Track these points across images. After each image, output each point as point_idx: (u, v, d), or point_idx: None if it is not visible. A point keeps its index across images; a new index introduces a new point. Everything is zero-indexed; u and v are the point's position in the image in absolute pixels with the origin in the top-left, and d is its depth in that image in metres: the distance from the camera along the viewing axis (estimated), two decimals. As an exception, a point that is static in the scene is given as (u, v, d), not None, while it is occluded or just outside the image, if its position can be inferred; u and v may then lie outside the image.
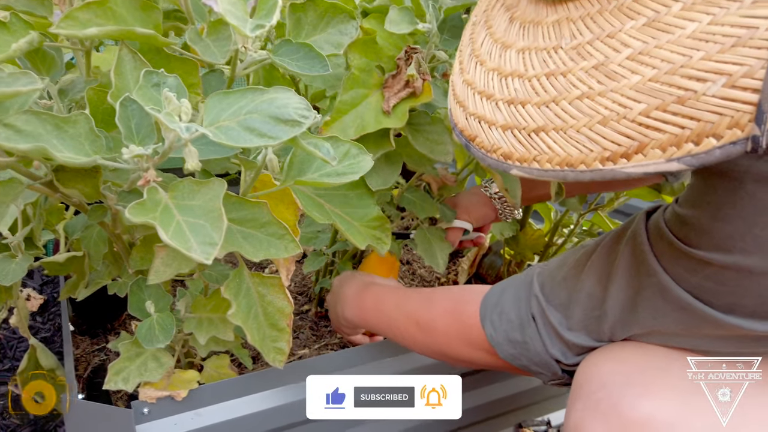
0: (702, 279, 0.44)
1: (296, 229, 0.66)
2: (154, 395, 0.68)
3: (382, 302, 0.77)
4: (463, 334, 0.64)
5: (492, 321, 0.61)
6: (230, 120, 0.47)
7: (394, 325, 0.73)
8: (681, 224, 0.46)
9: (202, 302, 0.72)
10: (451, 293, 0.71)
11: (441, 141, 0.74)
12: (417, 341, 0.71)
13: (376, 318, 0.77)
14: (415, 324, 0.70)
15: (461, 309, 0.65)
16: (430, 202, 0.88)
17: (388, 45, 0.69)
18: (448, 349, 0.67)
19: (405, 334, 0.72)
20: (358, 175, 0.60)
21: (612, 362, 0.50)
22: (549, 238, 1.09)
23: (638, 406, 0.46)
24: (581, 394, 0.51)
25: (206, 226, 0.46)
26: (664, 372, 0.48)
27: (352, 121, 0.67)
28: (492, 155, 0.42)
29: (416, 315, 0.70)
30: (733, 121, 0.32)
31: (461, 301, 0.67)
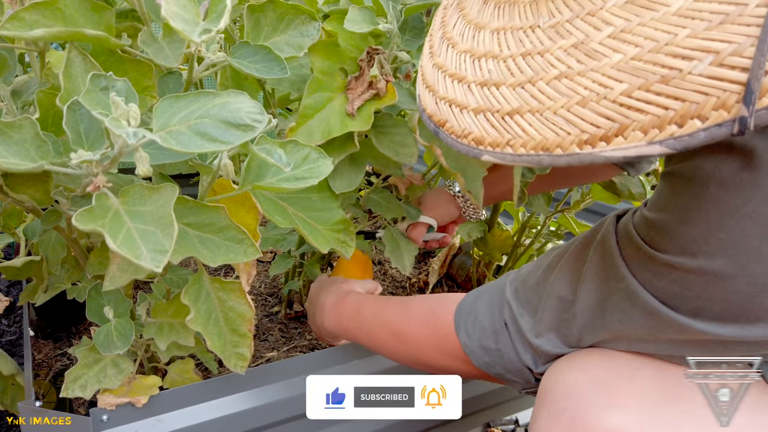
0: (668, 283, 0.43)
1: (256, 234, 0.66)
2: (114, 402, 0.67)
3: (360, 311, 0.76)
4: (437, 343, 0.64)
5: (466, 329, 0.60)
6: (181, 124, 0.46)
7: (372, 333, 0.73)
8: (648, 228, 0.45)
9: (162, 307, 0.71)
10: (427, 301, 0.70)
11: (406, 143, 0.73)
12: (393, 350, 0.70)
13: (355, 327, 0.76)
14: (390, 332, 0.70)
15: (436, 317, 0.65)
16: (395, 203, 0.88)
17: (349, 47, 0.69)
18: (423, 357, 0.67)
19: (382, 342, 0.71)
20: (317, 179, 0.59)
21: (577, 371, 0.50)
22: (517, 239, 1.09)
23: (604, 418, 0.45)
24: (546, 403, 0.50)
25: (157, 233, 0.45)
26: (630, 382, 0.47)
27: (317, 126, 0.67)
28: (463, 141, 0.40)
29: (392, 323, 0.70)
30: (720, 102, 0.30)
31: (436, 308, 0.66)
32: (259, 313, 1.13)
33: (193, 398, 0.72)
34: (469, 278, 1.23)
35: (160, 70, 0.64)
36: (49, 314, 1.03)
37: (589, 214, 1.87)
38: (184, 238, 0.56)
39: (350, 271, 0.96)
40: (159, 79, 0.63)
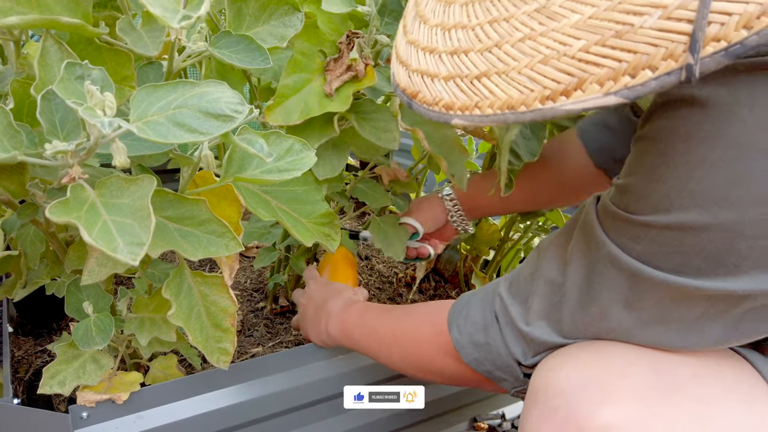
0: (647, 244, 0.44)
1: (239, 227, 0.65)
2: (93, 399, 0.66)
3: (364, 316, 0.76)
4: (433, 342, 0.64)
5: (458, 325, 0.60)
6: (159, 114, 0.45)
7: (374, 338, 0.73)
8: (621, 194, 0.47)
9: (144, 302, 0.70)
10: (429, 304, 0.70)
11: (388, 128, 0.73)
12: (393, 354, 0.70)
13: (359, 334, 0.75)
14: (392, 336, 0.70)
15: (434, 316, 0.65)
16: (381, 192, 0.87)
17: (329, 30, 0.68)
18: (420, 358, 0.67)
19: (382, 347, 0.71)
20: (300, 171, 0.58)
21: (569, 367, 0.50)
22: (504, 234, 1.09)
23: (597, 414, 0.45)
24: (538, 400, 0.50)
25: (134, 226, 0.44)
26: (623, 378, 0.47)
27: (295, 106, 0.66)
28: (434, 108, 0.42)
29: (393, 326, 0.70)
30: (668, 53, 0.33)
31: (436, 309, 0.66)
32: (244, 309, 1.12)
33: (175, 394, 0.71)
34: (456, 273, 1.23)
35: (140, 60, 0.63)
36: (30, 310, 1.02)
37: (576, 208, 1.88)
38: (163, 231, 0.55)
39: (339, 268, 0.95)
40: (139, 70, 0.62)
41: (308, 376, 0.79)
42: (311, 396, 0.81)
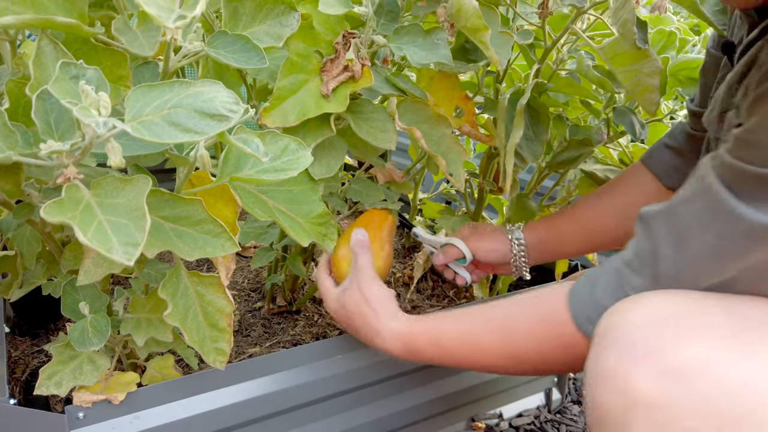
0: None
1: (235, 227, 0.65)
2: (90, 399, 0.66)
3: (441, 341, 0.69)
4: (556, 340, 0.62)
5: (589, 317, 0.58)
6: (154, 114, 0.45)
7: (467, 359, 0.69)
8: (749, 149, 0.47)
9: (140, 302, 0.70)
10: (524, 303, 0.66)
11: (384, 128, 0.73)
12: (500, 358, 0.67)
13: (439, 357, 0.70)
14: (498, 343, 0.66)
15: (546, 314, 0.63)
16: (375, 188, 0.87)
17: (325, 30, 0.68)
18: (538, 357, 0.64)
19: (484, 354, 0.67)
20: (296, 171, 0.58)
21: (647, 306, 0.50)
22: (501, 233, 1.09)
23: (678, 348, 0.45)
24: (610, 340, 0.50)
25: (129, 226, 0.44)
26: (700, 316, 0.48)
27: (292, 107, 0.66)
28: None
29: (498, 348, 0.66)
30: None
31: (543, 307, 0.64)
32: (241, 309, 1.12)
33: (171, 395, 0.70)
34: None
35: (136, 60, 0.63)
36: (26, 310, 1.02)
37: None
38: (159, 231, 0.55)
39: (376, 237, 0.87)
40: (135, 69, 0.62)
41: (305, 376, 0.79)
42: (308, 396, 0.80)
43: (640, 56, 0.63)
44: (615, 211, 0.88)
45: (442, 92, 0.85)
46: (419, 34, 0.68)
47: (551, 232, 0.90)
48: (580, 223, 0.89)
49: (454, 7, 0.66)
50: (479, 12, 0.63)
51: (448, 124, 0.79)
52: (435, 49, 0.67)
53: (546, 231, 0.90)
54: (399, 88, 0.77)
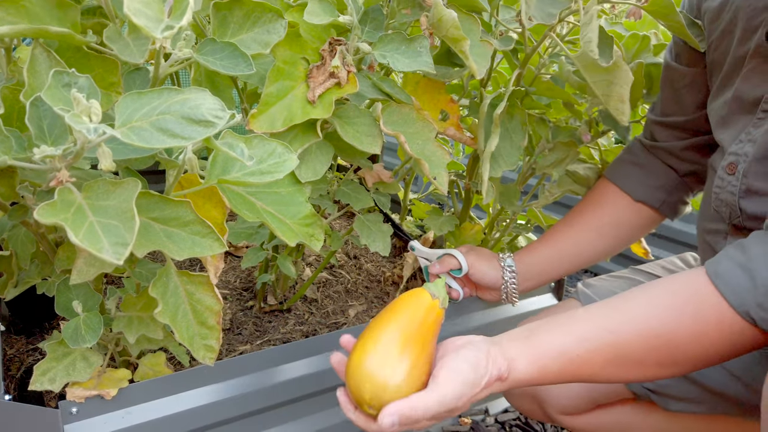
0: None
1: (224, 228, 0.67)
2: (82, 395, 0.68)
3: (574, 362, 0.60)
4: (717, 334, 0.58)
5: (760, 304, 0.55)
6: (143, 120, 0.47)
7: (606, 370, 0.61)
8: None
9: (132, 301, 0.72)
10: (669, 307, 0.60)
11: (370, 133, 0.75)
12: (650, 367, 0.61)
13: (572, 374, 0.61)
14: (643, 350, 0.59)
15: (694, 309, 0.58)
16: (364, 194, 0.89)
17: (312, 38, 0.70)
18: (696, 354, 0.59)
19: (633, 370, 0.61)
20: (282, 174, 0.60)
21: None
22: (487, 233, 1.11)
23: None
24: None
25: (119, 227, 0.46)
26: None
27: (279, 113, 0.68)
28: None
29: (640, 338, 0.59)
30: None
31: (687, 301, 0.59)
32: (233, 307, 1.14)
33: (162, 390, 0.73)
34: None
35: (128, 66, 0.65)
36: (22, 309, 1.04)
37: (556, 206, 1.91)
38: (149, 232, 0.57)
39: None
40: (126, 75, 0.64)
41: (294, 372, 0.81)
42: (297, 392, 0.83)
43: (613, 68, 0.66)
44: (589, 234, 0.92)
45: (427, 96, 0.87)
46: (402, 42, 0.70)
47: (535, 258, 0.94)
48: (559, 250, 0.93)
49: (435, 17, 0.68)
50: (458, 23, 0.66)
51: (432, 128, 0.81)
52: (417, 57, 0.70)
53: (531, 257, 0.94)
54: (385, 93, 0.79)
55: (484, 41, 0.73)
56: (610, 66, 0.65)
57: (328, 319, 1.15)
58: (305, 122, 0.71)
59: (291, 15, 0.68)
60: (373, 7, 0.71)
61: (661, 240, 1.73)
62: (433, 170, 0.78)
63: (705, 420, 0.81)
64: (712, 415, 0.79)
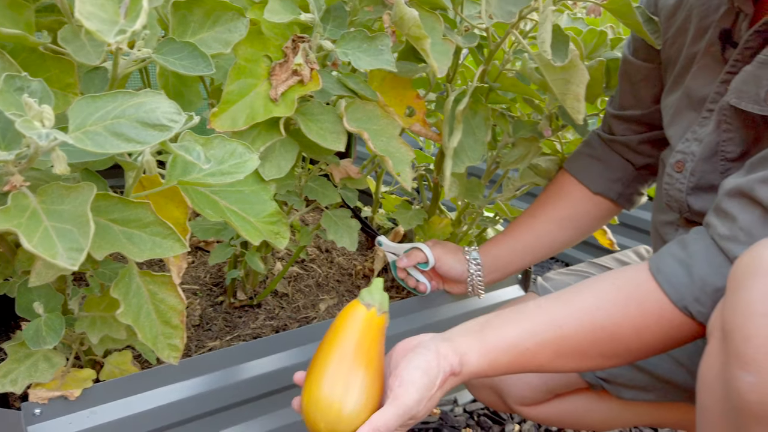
0: None
1: (186, 228, 0.67)
2: (45, 396, 0.68)
3: (526, 354, 0.61)
4: (657, 326, 0.60)
5: (698, 298, 0.57)
6: (97, 125, 0.47)
7: (555, 362, 0.63)
8: None
9: (95, 301, 0.71)
10: (612, 301, 0.61)
11: (334, 130, 0.76)
12: (593, 358, 0.62)
13: (521, 365, 0.62)
14: (590, 342, 0.61)
15: (635, 304, 0.60)
16: (332, 189, 0.90)
17: (274, 35, 0.70)
18: (635, 345, 0.61)
19: (578, 361, 0.63)
20: (242, 174, 0.61)
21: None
22: (455, 226, 1.13)
23: None
24: (760, 267, 0.48)
25: (74, 231, 0.46)
26: None
27: (241, 111, 0.68)
28: None
29: (589, 345, 0.61)
30: None
31: (630, 299, 0.61)
32: (203, 303, 1.14)
33: (128, 389, 0.73)
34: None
35: (86, 66, 0.64)
36: (-15, 308, 1.02)
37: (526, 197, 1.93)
38: (109, 234, 0.57)
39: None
40: (84, 75, 0.63)
41: (261, 367, 0.82)
42: (266, 387, 0.83)
43: (569, 67, 0.67)
44: (549, 226, 0.95)
45: (393, 92, 0.88)
46: (364, 40, 0.71)
47: (500, 250, 0.96)
48: (522, 242, 0.96)
49: (396, 15, 0.69)
50: (419, 22, 0.66)
51: (397, 125, 0.82)
52: (379, 55, 0.70)
53: (495, 250, 0.96)
54: (350, 89, 0.79)
55: (446, 39, 0.73)
56: (567, 65, 0.66)
57: (298, 313, 1.16)
58: (268, 120, 0.71)
59: (253, 12, 0.68)
60: (335, 5, 0.71)
61: (628, 229, 1.77)
62: (397, 167, 0.79)
63: (656, 407, 0.85)
64: (663, 403, 0.82)
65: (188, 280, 1.21)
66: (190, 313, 1.09)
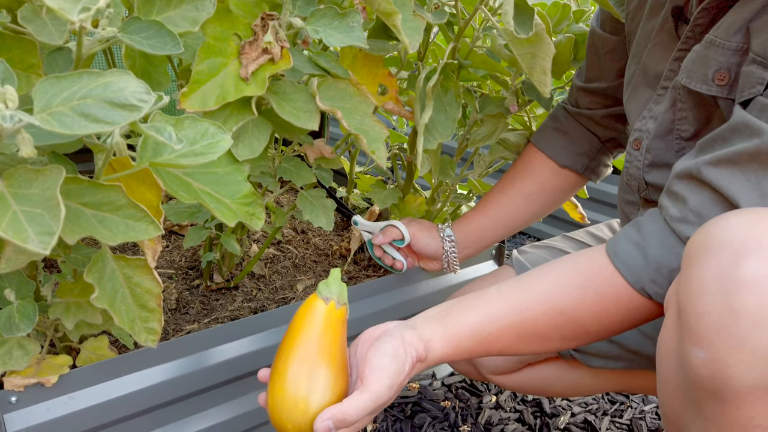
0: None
1: (159, 211, 0.66)
2: (21, 383, 0.67)
3: (484, 338, 0.62)
4: (615, 307, 0.61)
5: (654, 280, 0.58)
6: (63, 105, 0.46)
7: (515, 345, 0.64)
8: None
9: (68, 286, 0.71)
10: (571, 285, 0.62)
11: (306, 109, 0.75)
12: (549, 339, 0.63)
13: (484, 350, 0.63)
14: (551, 326, 0.62)
15: (593, 284, 0.61)
16: (306, 170, 0.90)
17: (243, 13, 0.69)
18: (594, 326, 0.62)
19: (539, 344, 0.64)
20: (215, 155, 0.60)
21: (738, 215, 0.50)
22: (429, 204, 1.14)
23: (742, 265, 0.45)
24: (711, 246, 0.48)
25: (44, 215, 0.46)
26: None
27: (211, 91, 0.67)
28: None
29: (542, 313, 0.62)
30: None
31: (588, 276, 0.62)
32: (179, 287, 1.13)
33: (106, 374, 0.72)
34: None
35: (49, 46, 0.62)
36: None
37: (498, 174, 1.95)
38: (80, 217, 0.57)
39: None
40: (48, 56, 0.62)
41: (240, 349, 0.82)
42: (244, 369, 0.84)
43: (535, 40, 0.67)
44: (518, 200, 0.96)
45: (365, 70, 0.87)
46: (335, 16, 0.70)
47: (472, 226, 0.97)
48: (492, 217, 0.97)
49: (367, -10, 0.68)
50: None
51: (370, 103, 0.82)
52: (350, 32, 0.70)
53: (468, 226, 0.97)
54: (322, 68, 0.79)
55: (417, 15, 0.73)
56: (532, 38, 0.67)
57: (276, 294, 1.16)
58: (240, 100, 0.71)
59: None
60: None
61: (599, 204, 1.80)
62: (371, 145, 0.79)
63: (625, 374, 0.87)
64: (631, 370, 0.85)
65: (163, 264, 1.20)
66: (167, 297, 1.09)
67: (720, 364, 0.46)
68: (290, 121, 0.75)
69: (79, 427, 0.71)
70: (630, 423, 1.08)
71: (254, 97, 0.73)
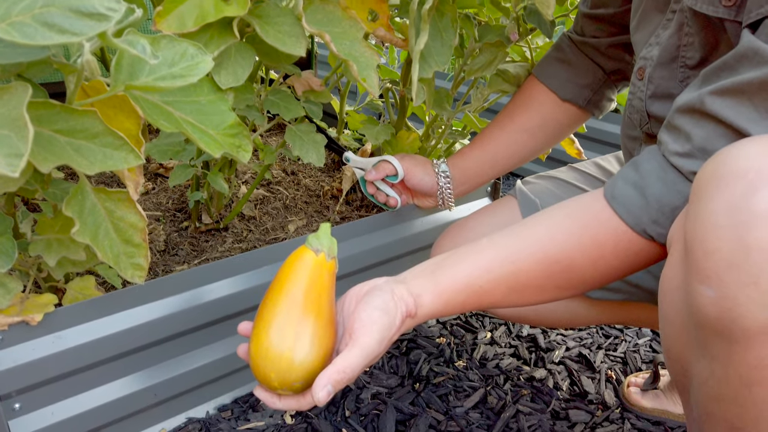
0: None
1: (140, 140, 0.63)
2: (5, 322, 0.65)
3: (476, 291, 0.60)
4: (613, 255, 0.58)
5: (656, 221, 0.55)
6: (24, 15, 0.42)
7: (505, 287, 0.61)
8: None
9: (48, 223, 0.68)
10: (552, 221, 0.60)
11: (293, 33, 0.71)
12: (544, 290, 0.61)
13: (476, 303, 0.61)
14: (545, 276, 0.60)
15: (589, 231, 0.58)
16: (294, 103, 0.86)
17: (223, -70, 0.64)
18: (596, 276, 0.60)
19: (528, 290, 0.61)
20: (196, 77, 0.56)
21: (753, 143, 0.46)
22: (423, 141, 1.10)
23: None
24: (723, 175, 0.45)
25: (11, 137, 0.42)
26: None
27: (189, 11, 0.63)
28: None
29: (539, 264, 0.59)
30: None
31: (584, 224, 0.59)
32: (168, 229, 1.11)
33: (93, 313, 0.71)
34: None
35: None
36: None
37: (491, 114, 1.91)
38: (54, 145, 0.53)
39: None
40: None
41: (229, 288, 0.80)
42: (234, 307, 0.82)
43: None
44: (519, 135, 0.93)
45: (355, -6, 0.82)
46: (321, -72, 0.65)
47: (469, 162, 0.94)
48: (491, 153, 0.94)
49: None
50: None
51: (360, 27, 0.77)
52: (338, -55, 0.64)
53: (464, 162, 0.94)
54: (307, -11, 0.74)
55: (410, -71, 0.68)
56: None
57: (267, 235, 1.14)
58: (221, 22, 0.66)
59: None
60: None
61: (593, 143, 1.77)
62: (362, 72, 0.75)
63: (622, 306, 0.87)
64: (628, 302, 0.84)
65: (150, 206, 1.17)
66: (155, 239, 1.06)
67: (730, 302, 0.43)
68: (275, 45, 0.70)
69: (67, 366, 0.69)
70: (624, 356, 1.09)
71: (236, 19, 0.68)
